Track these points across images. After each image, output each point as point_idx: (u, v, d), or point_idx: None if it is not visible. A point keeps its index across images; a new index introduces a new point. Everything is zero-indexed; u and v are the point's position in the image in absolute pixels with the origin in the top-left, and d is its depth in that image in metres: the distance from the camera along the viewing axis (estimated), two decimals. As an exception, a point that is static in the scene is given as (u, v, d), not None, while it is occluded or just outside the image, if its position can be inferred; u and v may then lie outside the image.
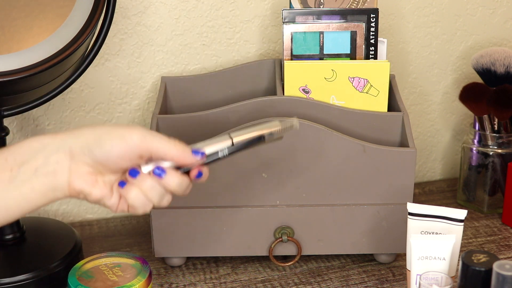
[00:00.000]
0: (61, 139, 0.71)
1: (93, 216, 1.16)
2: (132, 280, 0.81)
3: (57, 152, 0.70)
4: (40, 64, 0.82)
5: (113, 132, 0.70)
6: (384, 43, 1.00)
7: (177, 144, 0.71)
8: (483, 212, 1.14)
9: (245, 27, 1.13)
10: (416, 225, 0.84)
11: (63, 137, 0.71)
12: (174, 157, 0.71)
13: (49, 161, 0.70)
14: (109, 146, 0.69)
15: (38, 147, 0.70)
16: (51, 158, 0.70)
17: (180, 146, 0.71)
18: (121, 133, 0.70)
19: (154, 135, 0.71)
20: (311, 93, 0.97)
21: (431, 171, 1.30)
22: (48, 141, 0.70)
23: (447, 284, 0.76)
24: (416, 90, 1.23)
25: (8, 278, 0.90)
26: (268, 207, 0.94)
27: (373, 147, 0.92)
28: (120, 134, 0.70)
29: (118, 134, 0.70)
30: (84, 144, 0.70)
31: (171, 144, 0.70)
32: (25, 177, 0.70)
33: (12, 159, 0.70)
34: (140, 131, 0.70)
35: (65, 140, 0.70)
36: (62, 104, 1.09)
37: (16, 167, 0.69)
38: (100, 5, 0.87)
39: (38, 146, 0.70)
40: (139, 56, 1.10)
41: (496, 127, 1.12)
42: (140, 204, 0.72)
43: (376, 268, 0.99)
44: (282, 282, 0.96)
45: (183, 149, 0.71)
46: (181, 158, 0.71)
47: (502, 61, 1.09)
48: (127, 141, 0.69)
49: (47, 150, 0.70)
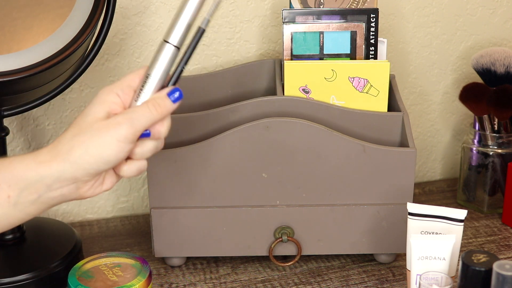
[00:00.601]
0: (57, 169, 0.68)
1: (93, 216, 1.16)
2: (132, 280, 0.81)
3: (59, 180, 0.68)
4: (40, 64, 0.82)
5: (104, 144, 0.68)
6: (384, 43, 1.00)
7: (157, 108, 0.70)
8: (483, 212, 1.14)
9: (245, 27, 1.13)
10: (416, 225, 0.84)
11: (58, 165, 0.68)
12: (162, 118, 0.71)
13: (52, 188, 0.69)
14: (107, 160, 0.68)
15: (35, 178, 0.68)
16: (54, 186, 0.69)
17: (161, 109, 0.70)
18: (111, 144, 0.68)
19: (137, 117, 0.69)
20: (311, 93, 0.97)
21: (431, 171, 1.30)
22: (44, 171, 0.68)
23: (447, 284, 0.76)
24: (416, 90, 1.23)
25: (8, 278, 0.90)
26: (268, 207, 0.94)
27: (373, 147, 0.92)
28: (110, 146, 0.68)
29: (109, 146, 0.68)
30: (83, 167, 0.68)
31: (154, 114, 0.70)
32: (27, 202, 0.69)
33: (6, 186, 0.68)
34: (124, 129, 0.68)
35: (63, 169, 0.68)
36: (62, 104, 1.09)
37: (13, 193, 0.68)
38: (100, 5, 0.87)
39: (34, 177, 0.68)
40: (139, 56, 1.10)
41: (496, 127, 1.12)
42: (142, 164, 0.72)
43: (376, 268, 0.99)
44: (282, 282, 0.96)
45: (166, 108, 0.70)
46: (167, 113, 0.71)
47: (502, 61, 1.09)
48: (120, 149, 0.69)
49: (47, 180, 0.68)
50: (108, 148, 0.68)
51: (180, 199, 0.94)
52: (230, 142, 0.91)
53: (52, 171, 0.68)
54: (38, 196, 0.68)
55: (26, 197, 0.68)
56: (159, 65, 0.72)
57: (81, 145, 0.68)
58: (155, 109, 0.70)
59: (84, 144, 0.68)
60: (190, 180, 0.93)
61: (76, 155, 0.68)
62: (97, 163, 0.68)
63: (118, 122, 0.68)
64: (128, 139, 0.68)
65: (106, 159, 0.68)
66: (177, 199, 0.94)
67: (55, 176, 0.68)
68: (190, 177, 0.92)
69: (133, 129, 0.69)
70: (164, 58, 0.72)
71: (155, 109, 0.70)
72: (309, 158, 0.92)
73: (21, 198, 0.68)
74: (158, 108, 0.70)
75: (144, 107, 0.70)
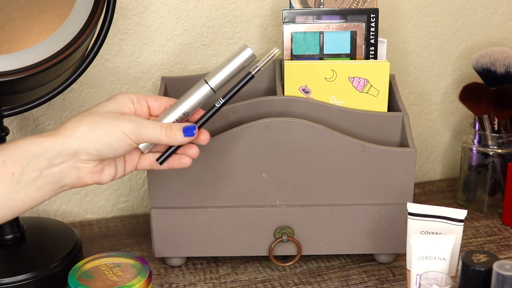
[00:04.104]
0: (62, 143, 0.72)
1: (93, 216, 1.16)
2: (132, 280, 0.81)
3: (61, 155, 0.71)
4: (40, 64, 0.82)
5: (111, 129, 0.73)
6: (384, 43, 1.00)
7: (167, 132, 0.75)
8: (483, 212, 1.14)
9: (245, 27, 1.13)
10: (416, 225, 0.84)
11: (63, 140, 0.72)
12: (168, 143, 0.76)
13: (53, 163, 0.71)
14: (109, 144, 0.72)
15: (39, 151, 0.71)
16: (56, 160, 0.71)
17: (171, 134, 0.75)
18: (116, 131, 0.73)
19: (146, 126, 0.74)
20: (311, 93, 0.97)
21: (431, 171, 1.30)
22: (48, 144, 0.71)
23: (447, 284, 0.76)
24: (416, 90, 1.23)
25: (8, 278, 0.90)
26: (268, 207, 0.94)
27: (373, 147, 0.92)
28: (115, 133, 0.73)
29: (114, 132, 0.73)
30: (90, 146, 0.72)
31: (162, 133, 0.75)
32: (29, 179, 0.71)
33: (11, 162, 0.70)
34: (131, 126, 0.73)
35: (68, 143, 0.72)
36: (62, 104, 1.09)
37: (17, 169, 0.70)
38: (100, 5, 0.87)
39: (38, 150, 0.71)
40: (139, 56, 1.10)
41: (496, 127, 1.12)
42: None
43: (376, 268, 0.99)
44: (282, 282, 0.96)
45: (175, 136, 0.76)
46: (174, 144, 0.76)
47: (502, 61, 1.09)
48: (123, 140, 0.73)
49: (50, 153, 0.71)
50: (113, 135, 0.72)
51: (180, 199, 0.94)
52: (230, 142, 0.91)
53: (56, 145, 0.71)
54: (40, 173, 0.71)
55: (29, 174, 0.71)
56: (191, 99, 0.79)
57: (88, 125, 0.72)
58: (165, 132, 0.75)
59: (91, 125, 0.72)
60: (190, 180, 0.93)
61: (81, 132, 0.72)
62: (100, 144, 0.72)
63: (129, 119, 0.74)
64: (132, 135, 0.73)
65: (109, 143, 0.72)
66: (177, 199, 0.94)
67: (58, 149, 0.71)
68: (190, 177, 0.92)
69: (139, 131, 0.73)
70: (198, 94, 0.79)
71: (165, 132, 0.75)
72: (309, 158, 0.92)
73: (24, 174, 0.70)
74: (169, 132, 0.75)
75: (157, 125, 0.75)
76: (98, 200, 1.16)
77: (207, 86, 0.79)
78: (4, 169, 0.70)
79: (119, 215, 1.17)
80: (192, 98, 0.79)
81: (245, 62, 0.79)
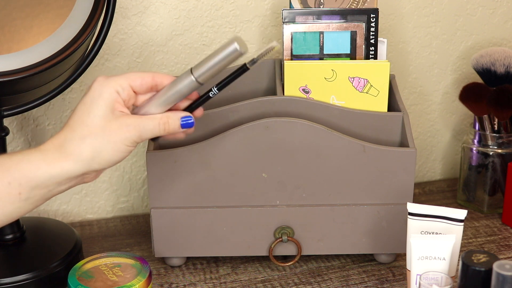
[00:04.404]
0: (69, 168, 0.73)
1: (93, 216, 1.16)
2: (132, 280, 0.81)
3: (69, 178, 0.74)
4: (40, 64, 0.82)
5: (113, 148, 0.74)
6: (384, 43, 1.00)
7: (166, 127, 0.77)
8: (483, 212, 1.14)
9: (245, 27, 1.13)
10: (416, 225, 0.84)
11: (69, 166, 0.73)
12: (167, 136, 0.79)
13: (62, 184, 0.74)
14: (115, 162, 0.75)
15: (46, 177, 0.72)
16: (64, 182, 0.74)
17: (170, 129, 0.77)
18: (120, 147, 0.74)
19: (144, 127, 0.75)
20: (311, 93, 0.97)
21: (431, 171, 1.30)
22: (55, 171, 0.72)
23: (447, 284, 0.76)
24: (416, 90, 1.23)
25: (8, 278, 0.90)
26: (268, 207, 0.94)
27: (373, 147, 0.92)
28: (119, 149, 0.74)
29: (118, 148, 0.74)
30: (94, 167, 0.74)
31: (161, 129, 0.77)
32: (38, 197, 0.73)
33: (17, 184, 0.71)
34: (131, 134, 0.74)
35: (74, 169, 0.73)
36: (62, 104, 1.09)
37: (24, 191, 0.72)
38: (100, 5, 0.87)
39: (45, 176, 0.72)
40: (139, 56, 1.10)
41: (496, 127, 1.12)
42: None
43: (376, 268, 0.99)
44: (282, 282, 0.96)
45: (174, 130, 0.78)
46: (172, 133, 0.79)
47: (502, 61, 1.09)
48: (127, 151, 0.75)
49: (58, 179, 0.73)
50: (119, 154, 0.75)
51: (180, 199, 0.94)
52: (230, 142, 0.91)
53: (64, 171, 0.73)
54: (48, 191, 0.73)
55: (37, 193, 0.72)
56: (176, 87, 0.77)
57: (93, 150, 0.73)
58: (164, 128, 0.77)
59: (96, 150, 0.73)
60: (190, 180, 0.93)
61: (88, 158, 0.73)
62: (107, 164, 0.75)
63: (127, 124, 0.74)
64: (134, 143, 0.75)
65: (116, 161, 0.75)
66: (177, 199, 0.94)
67: (66, 175, 0.73)
68: (190, 177, 0.92)
69: (140, 137, 0.75)
70: (183, 84, 0.77)
71: (164, 128, 0.77)
72: (309, 158, 0.92)
73: (32, 194, 0.72)
74: (167, 127, 0.77)
75: (156, 123, 0.76)
76: (98, 200, 1.16)
77: (193, 77, 0.77)
78: (10, 190, 0.71)
79: (119, 215, 1.17)
80: (177, 89, 0.77)
81: (230, 55, 0.77)
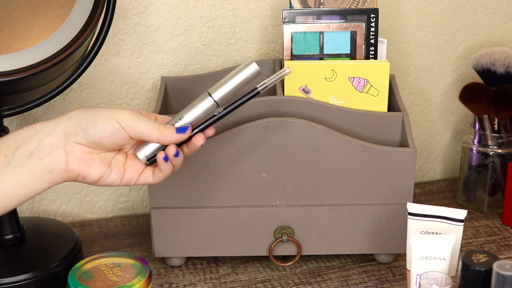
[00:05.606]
0: (53, 124, 0.73)
1: (93, 216, 1.16)
2: (132, 280, 0.81)
3: (51, 135, 0.72)
4: (40, 64, 0.82)
5: (104, 113, 0.73)
6: (384, 43, 1.00)
7: (160, 128, 0.75)
8: (483, 212, 1.14)
9: (245, 27, 1.13)
10: (416, 225, 0.84)
11: (55, 121, 0.73)
12: (159, 140, 0.75)
13: (43, 143, 0.72)
14: (101, 126, 0.73)
15: (31, 133, 0.72)
16: (45, 141, 0.72)
17: (164, 130, 0.75)
18: (110, 116, 0.73)
19: (141, 119, 0.74)
20: (311, 93, 0.97)
21: (431, 171, 1.30)
22: (40, 126, 0.73)
23: (447, 284, 0.76)
24: (416, 90, 1.23)
25: (8, 278, 0.90)
26: (268, 207, 0.94)
27: (373, 147, 0.92)
28: (109, 117, 0.73)
29: (108, 116, 0.73)
30: (77, 124, 0.73)
31: (155, 128, 0.75)
32: (20, 161, 0.72)
33: (5, 146, 0.72)
34: (128, 115, 0.74)
35: (58, 124, 0.73)
36: (62, 104, 1.09)
37: (10, 153, 0.72)
38: (100, 5, 0.87)
39: (30, 132, 0.73)
40: (139, 56, 1.10)
41: (496, 127, 1.12)
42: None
43: (376, 268, 0.99)
44: (282, 282, 0.96)
45: (167, 133, 0.75)
46: (165, 140, 0.76)
47: (502, 61, 1.09)
48: (114, 124, 0.73)
49: (41, 134, 0.72)
50: (105, 120, 0.73)
51: (180, 199, 0.94)
52: (230, 142, 0.91)
53: (47, 126, 0.73)
54: (30, 154, 0.72)
55: (20, 155, 0.72)
56: (193, 111, 0.78)
57: (80, 110, 0.73)
58: (158, 128, 0.75)
59: (84, 111, 0.73)
60: (190, 180, 0.93)
61: (72, 114, 0.73)
62: (90, 127, 0.72)
63: (126, 109, 0.74)
64: (123, 122, 0.73)
65: (100, 128, 0.73)
66: (177, 199, 0.94)
67: (48, 130, 0.72)
68: (190, 177, 0.92)
69: (131, 119, 0.73)
70: (201, 107, 0.78)
71: (158, 129, 0.75)
72: (309, 158, 0.92)
73: (15, 157, 0.71)
74: (162, 129, 0.75)
75: (152, 121, 0.75)
76: (98, 200, 1.16)
77: (211, 98, 0.78)
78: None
79: (119, 215, 1.17)
80: (195, 111, 0.78)
81: (250, 77, 0.78)
